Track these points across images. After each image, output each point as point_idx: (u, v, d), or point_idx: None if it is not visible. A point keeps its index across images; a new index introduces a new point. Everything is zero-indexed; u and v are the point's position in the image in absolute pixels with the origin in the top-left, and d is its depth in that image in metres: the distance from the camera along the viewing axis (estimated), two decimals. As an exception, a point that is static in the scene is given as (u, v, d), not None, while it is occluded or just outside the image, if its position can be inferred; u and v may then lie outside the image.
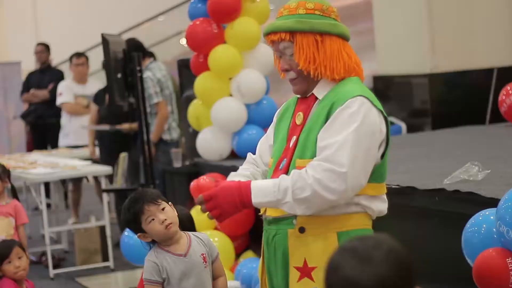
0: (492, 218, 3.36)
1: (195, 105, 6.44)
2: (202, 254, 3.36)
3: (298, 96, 3.13)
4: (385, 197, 3.06)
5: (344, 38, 3.05)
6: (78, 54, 9.56)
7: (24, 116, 10.51)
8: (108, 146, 8.37)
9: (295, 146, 3.01)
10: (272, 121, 3.25)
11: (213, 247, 3.42)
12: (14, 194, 5.43)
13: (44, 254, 7.62)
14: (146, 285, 3.32)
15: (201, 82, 6.26)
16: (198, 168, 6.44)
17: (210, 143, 6.33)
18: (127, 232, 5.47)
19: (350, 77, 3.04)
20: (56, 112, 9.69)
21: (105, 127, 8.20)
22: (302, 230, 2.97)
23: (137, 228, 3.32)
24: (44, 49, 10.47)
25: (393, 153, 3.25)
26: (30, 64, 11.62)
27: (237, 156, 6.25)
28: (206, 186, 3.04)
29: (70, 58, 9.53)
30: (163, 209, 3.30)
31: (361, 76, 3.08)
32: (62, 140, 9.51)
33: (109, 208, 7.79)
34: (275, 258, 3.04)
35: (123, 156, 7.22)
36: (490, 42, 8.40)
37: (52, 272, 7.22)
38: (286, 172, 2.98)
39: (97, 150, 8.67)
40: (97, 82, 9.67)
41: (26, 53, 12.96)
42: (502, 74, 8.00)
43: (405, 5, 8.48)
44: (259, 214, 3.16)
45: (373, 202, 2.99)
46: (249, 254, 5.80)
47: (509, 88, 6.70)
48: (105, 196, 7.74)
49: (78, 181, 8.95)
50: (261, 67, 6.24)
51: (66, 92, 9.35)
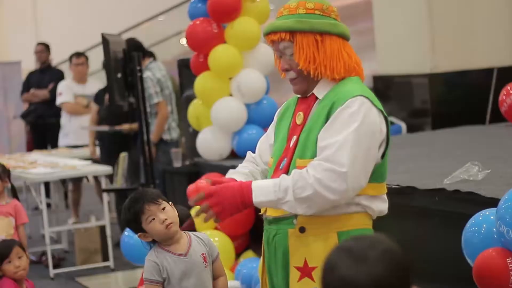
0: (492, 218, 3.36)
1: (195, 105, 6.44)
2: (203, 254, 3.36)
3: (299, 96, 3.13)
4: (385, 197, 3.06)
5: (344, 37, 3.05)
6: (78, 54, 9.55)
7: (24, 116, 10.50)
8: (108, 146, 8.36)
9: (296, 146, 3.01)
10: (272, 121, 3.25)
11: (213, 247, 3.42)
12: (14, 193, 5.43)
13: (44, 254, 7.61)
14: (146, 284, 3.31)
15: (201, 82, 6.26)
16: (198, 168, 6.43)
17: (210, 143, 6.33)
18: (127, 232, 5.47)
19: (350, 76, 3.03)
20: (56, 112, 9.69)
21: (105, 128, 8.20)
22: (302, 230, 2.97)
23: (137, 227, 3.32)
24: (44, 49, 10.47)
25: (393, 153, 3.25)
26: (30, 64, 11.61)
27: (237, 156, 6.25)
28: (204, 188, 3.01)
29: (70, 58, 9.52)
30: (164, 208, 3.30)
31: (361, 75, 3.08)
32: (62, 140, 9.51)
33: (109, 208, 7.78)
34: (276, 258, 3.04)
35: (123, 156, 7.22)
36: (490, 42, 8.40)
37: (52, 272, 7.22)
38: (287, 172, 2.98)
39: (97, 150, 8.67)
40: (97, 82, 9.67)
41: (26, 53, 12.95)
42: (502, 74, 8.00)
43: (405, 4, 8.48)
44: (260, 213, 3.16)
45: (373, 202, 2.99)
46: (249, 254, 5.79)
47: (509, 88, 6.70)
48: (105, 196, 7.73)
49: (78, 181, 8.95)
50: (261, 67, 6.24)
51: (66, 92, 9.35)
